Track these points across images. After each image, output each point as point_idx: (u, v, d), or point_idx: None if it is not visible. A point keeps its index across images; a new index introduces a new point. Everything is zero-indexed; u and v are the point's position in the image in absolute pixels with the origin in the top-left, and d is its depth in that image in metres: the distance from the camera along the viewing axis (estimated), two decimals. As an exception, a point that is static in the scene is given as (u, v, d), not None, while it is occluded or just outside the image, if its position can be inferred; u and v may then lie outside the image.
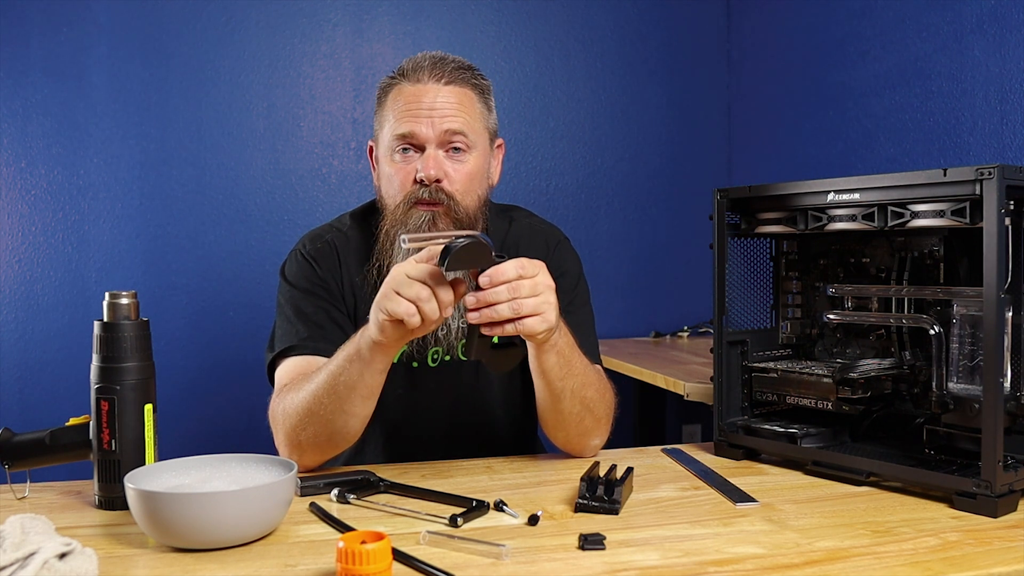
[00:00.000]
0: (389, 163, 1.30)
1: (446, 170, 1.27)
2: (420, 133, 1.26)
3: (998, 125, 1.73)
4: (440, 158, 1.27)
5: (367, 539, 0.74)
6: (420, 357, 1.34)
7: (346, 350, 1.12)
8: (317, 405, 1.13)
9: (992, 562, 0.83)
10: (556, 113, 2.64)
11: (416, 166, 1.27)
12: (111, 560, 0.85)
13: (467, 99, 1.30)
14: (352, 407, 1.14)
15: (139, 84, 2.31)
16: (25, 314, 2.25)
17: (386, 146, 1.30)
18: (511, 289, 1.02)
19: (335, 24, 2.45)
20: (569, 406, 1.19)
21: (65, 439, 1.06)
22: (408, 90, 1.28)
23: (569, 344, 1.16)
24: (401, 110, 1.27)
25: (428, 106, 1.26)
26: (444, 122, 1.26)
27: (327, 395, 1.13)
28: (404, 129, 1.26)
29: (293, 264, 1.37)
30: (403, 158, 1.28)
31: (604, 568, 0.82)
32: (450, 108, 1.27)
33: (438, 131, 1.26)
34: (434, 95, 1.27)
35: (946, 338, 1.09)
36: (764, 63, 2.59)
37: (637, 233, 2.71)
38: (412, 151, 1.28)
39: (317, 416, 1.14)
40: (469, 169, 1.29)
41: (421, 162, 1.26)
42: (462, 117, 1.28)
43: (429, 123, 1.26)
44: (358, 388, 1.12)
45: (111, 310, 1.03)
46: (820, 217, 1.17)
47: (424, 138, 1.26)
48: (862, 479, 1.09)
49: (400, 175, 1.28)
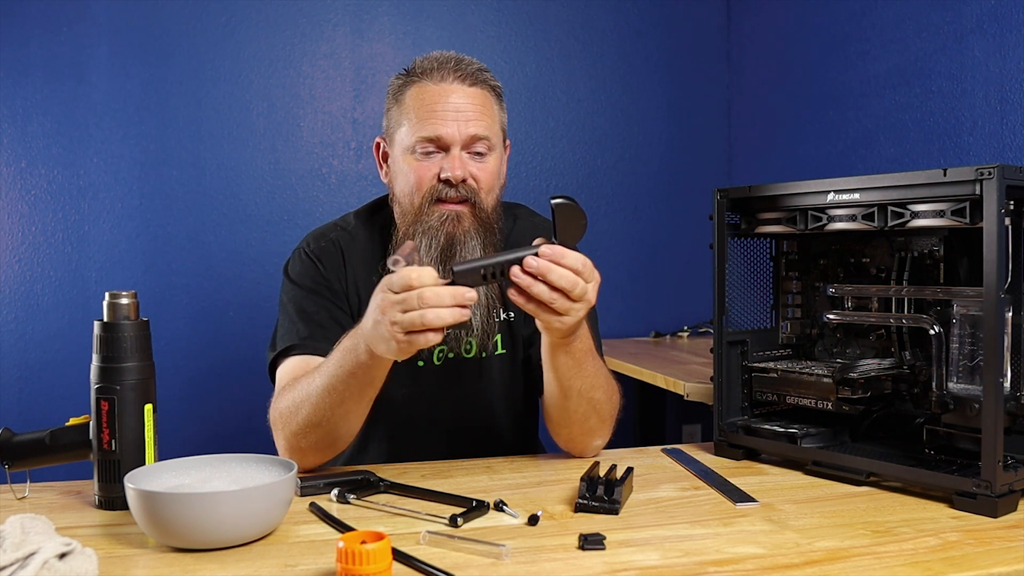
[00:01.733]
0: (408, 161, 1.29)
1: (471, 171, 1.27)
2: (447, 135, 1.26)
3: (998, 125, 1.73)
4: (465, 159, 1.27)
5: (367, 539, 0.74)
6: (426, 356, 1.34)
7: (346, 358, 1.10)
8: (318, 416, 1.13)
9: (992, 562, 0.83)
10: (556, 113, 2.64)
11: (440, 165, 1.26)
12: (111, 560, 0.85)
13: (488, 101, 1.31)
14: (356, 408, 1.14)
15: (139, 84, 2.30)
16: (25, 314, 2.25)
17: (406, 146, 1.29)
18: (561, 278, 1.00)
19: (335, 24, 2.45)
20: (576, 404, 1.19)
21: (65, 439, 1.06)
22: (432, 89, 1.28)
23: (585, 349, 1.16)
24: (426, 110, 1.27)
25: (454, 108, 1.26)
26: (469, 126, 1.26)
27: (328, 407, 1.12)
28: (430, 132, 1.26)
29: (297, 262, 1.37)
30: (424, 157, 1.28)
31: (604, 568, 0.82)
32: (474, 111, 1.27)
33: (464, 134, 1.26)
34: (459, 97, 1.27)
35: (946, 338, 1.09)
36: (764, 63, 2.59)
37: (637, 233, 2.71)
38: (434, 151, 1.28)
39: (319, 425, 1.13)
40: (491, 169, 1.30)
41: (447, 162, 1.26)
42: (485, 121, 1.28)
43: (455, 125, 1.26)
44: (366, 392, 1.12)
45: (111, 310, 1.03)
46: (820, 217, 1.17)
47: (450, 140, 1.26)
48: (862, 479, 1.09)
49: (419, 172, 1.27)
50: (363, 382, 1.10)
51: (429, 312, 0.98)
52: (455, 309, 0.99)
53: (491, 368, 1.37)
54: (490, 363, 1.37)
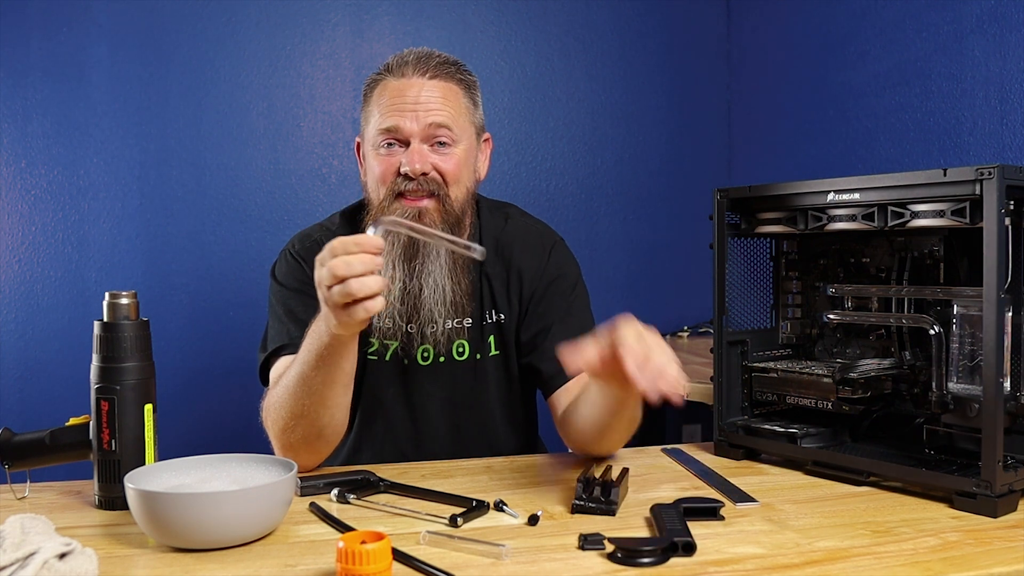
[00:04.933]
0: (373, 157, 1.30)
1: (432, 162, 1.27)
2: (404, 127, 1.26)
3: (998, 125, 1.73)
4: (424, 151, 1.27)
5: (367, 539, 0.74)
6: (410, 355, 1.34)
7: (312, 342, 1.10)
8: (299, 407, 1.13)
9: (992, 562, 0.83)
10: (556, 113, 2.64)
11: (400, 159, 1.27)
12: (111, 560, 0.85)
13: (452, 93, 1.30)
14: (334, 399, 1.13)
15: (139, 84, 2.31)
16: (25, 314, 2.25)
17: (371, 141, 1.30)
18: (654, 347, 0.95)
19: (335, 24, 2.45)
20: (627, 427, 1.17)
21: (65, 439, 1.06)
22: (392, 85, 1.29)
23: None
24: (386, 105, 1.27)
25: (412, 100, 1.26)
26: (428, 116, 1.26)
27: (305, 395, 1.12)
28: (388, 123, 1.27)
29: (283, 264, 1.38)
30: (387, 151, 1.28)
31: (604, 568, 0.82)
32: (434, 102, 1.27)
33: (422, 125, 1.26)
34: (418, 89, 1.27)
35: (946, 338, 1.09)
36: (764, 63, 2.59)
37: (637, 233, 2.70)
38: (397, 145, 1.28)
39: (301, 416, 1.13)
40: (457, 160, 1.29)
41: (406, 156, 1.26)
42: (446, 111, 1.28)
43: (413, 117, 1.26)
44: (335, 376, 1.11)
45: (111, 310, 1.03)
46: (820, 217, 1.17)
47: (408, 132, 1.26)
48: (862, 479, 1.09)
49: (382, 167, 1.28)
50: (330, 365, 1.10)
51: (352, 283, 0.98)
52: (378, 277, 0.99)
53: (485, 370, 1.37)
54: (484, 365, 1.37)
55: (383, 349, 1.34)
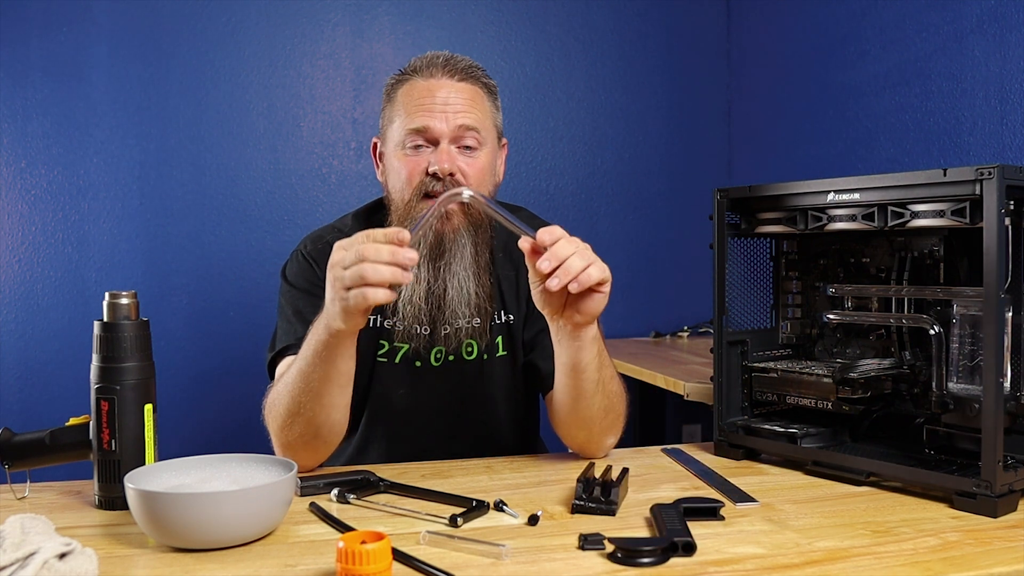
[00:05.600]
0: (398, 157, 1.29)
1: (459, 165, 1.27)
2: (434, 127, 1.26)
3: (998, 125, 1.73)
4: (453, 153, 1.27)
5: (367, 539, 0.74)
6: (423, 356, 1.34)
7: (312, 338, 1.11)
8: (296, 404, 1.13)
9: (992, 562, 0.83)
10: (556, 113, 2.64)
11: (428, 159, 1.26)
12: (111, 560, 0.85)
13: (478, 96, 1.31)
14: (330, 398, 1.13)
15: (139, 84, 2.31)
16: (25, 314, 2.25)
17: (396, 141, 1.30)
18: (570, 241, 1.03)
19: (335, 24, 2.45)
20: (599, 400, 1.18)
21: (65, 439, 1.06)
22: (421, 85, 1.29)
23: (598, 335, 1.16)
24: (415, 105, 1.27)
25: (442, 101, 1.27)
26: (458, 117, 1.27)
27: (302, 392, 1.12)
28: (418, 124, 1.26)
29: (294, 264, 1.38)
30: (414, 152, 1.28)
31: (604, 568, 0.82)
32: (463, 104, 1.28)
33: (452, 126, 1.26)
34: (447, 91, 1.28)
35: (946, 338, 1.09)
36: (764, 63, 2.59)
37: (637, 233, 2.70)
38: (424, 146, 1.28)
39: (298, 414, 1.13)
40: (481, 164, 1.30)
41: (435, 156, 1.26)
42: (475, 114, 1.29)
43: (443, 118, 1.26)
44: (333, 374, 1.11)
45: (111, 310, 1.03)
46: (820, 217, 1.17)
47: (438, 133, 1.26)
48: (862, 479, 1.09)
49: (409, 167, 1.28)
50: (327, 363, 1.10)
51: (367, 266, 0.98)
52: (395, 268, 0.99)
53: (492, 370, 1.37)
54: (491, 365, 1.37)
55: (395, 351, 1.35)
